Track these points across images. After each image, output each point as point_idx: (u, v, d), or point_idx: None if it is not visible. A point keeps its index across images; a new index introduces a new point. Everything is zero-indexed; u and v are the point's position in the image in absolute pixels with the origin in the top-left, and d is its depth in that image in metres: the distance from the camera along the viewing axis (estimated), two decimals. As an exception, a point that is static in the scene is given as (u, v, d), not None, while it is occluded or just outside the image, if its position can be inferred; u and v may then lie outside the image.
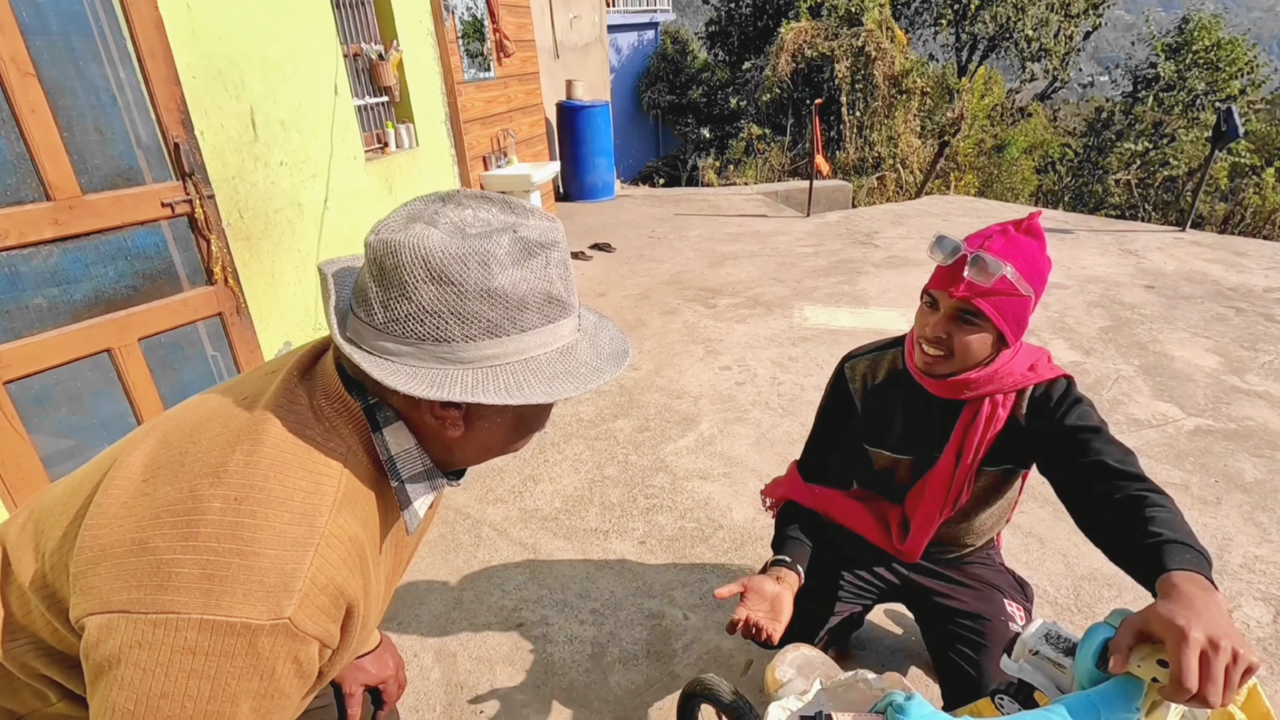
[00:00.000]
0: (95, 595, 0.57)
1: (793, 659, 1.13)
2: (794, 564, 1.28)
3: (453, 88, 3.70)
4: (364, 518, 0.66)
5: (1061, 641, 0.81)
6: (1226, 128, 4.99)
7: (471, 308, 0.60)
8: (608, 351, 0.70)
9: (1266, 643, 1.74)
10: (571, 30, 7.76)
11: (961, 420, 1.22)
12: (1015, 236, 1.10)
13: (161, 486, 0.61)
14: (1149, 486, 0.95)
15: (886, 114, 9.81)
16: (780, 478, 1.50)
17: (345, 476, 0.64)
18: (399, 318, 0.60)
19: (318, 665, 0.63)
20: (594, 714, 1.63)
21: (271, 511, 0.59)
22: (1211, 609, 0.71)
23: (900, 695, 0.72)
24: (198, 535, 0.57)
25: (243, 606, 0.56)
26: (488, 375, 0.62)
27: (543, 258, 0.63)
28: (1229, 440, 2.61)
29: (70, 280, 1.86)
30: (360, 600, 0.65)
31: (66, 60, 1.79)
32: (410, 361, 0.61)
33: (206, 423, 0.65)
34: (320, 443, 0.63)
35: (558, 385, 0.64)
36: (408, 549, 0.83)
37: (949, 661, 1.28)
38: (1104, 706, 0.71)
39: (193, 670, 0.55)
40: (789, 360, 3.44)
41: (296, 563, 0.58)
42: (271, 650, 0.57)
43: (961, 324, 1.12)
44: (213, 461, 0.61)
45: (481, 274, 0.60)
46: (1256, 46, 10.77)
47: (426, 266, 0.59)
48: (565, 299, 0.66)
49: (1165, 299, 4.09)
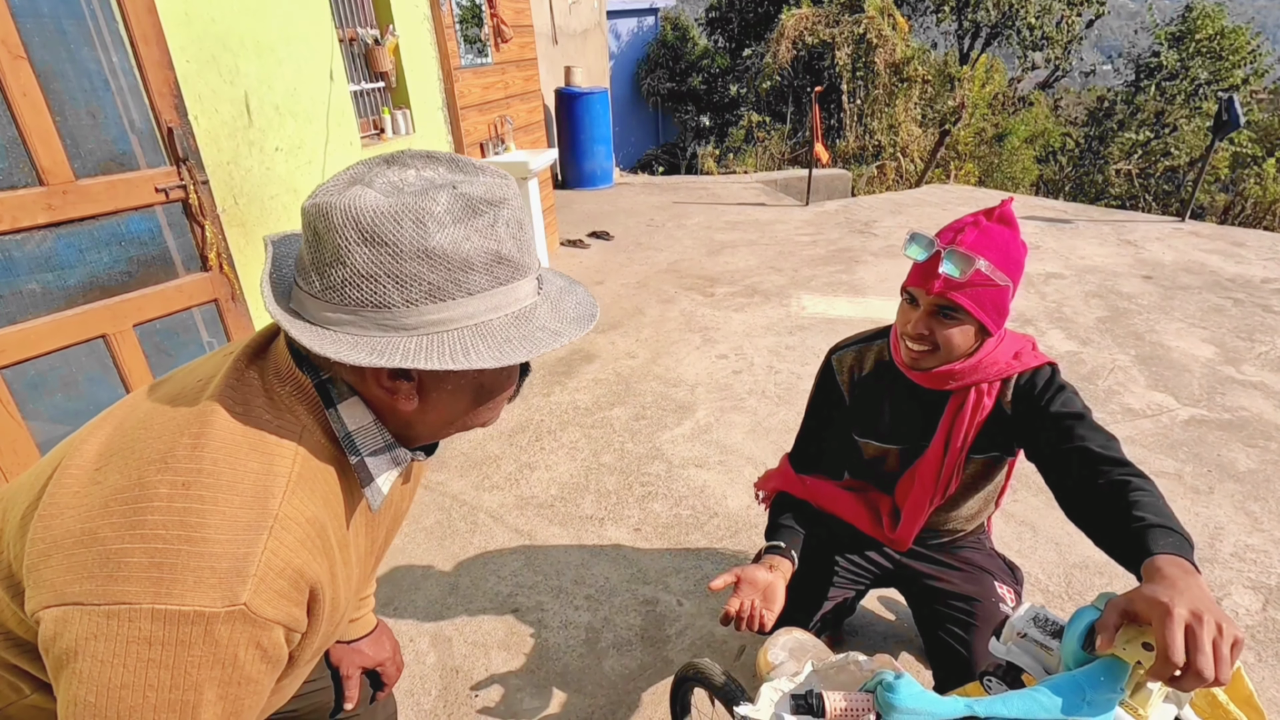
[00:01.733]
0: (49, 588, 0.56)
1: (785, 642, 1.14)
2: (787, 550, 1.28)
3: (450, 74, 3.67)
4: (324, 497, 0.64)
5: (1049, 624, 0.82)
6: (1228, 117, 4.97)
7: (409, 269, 0.57)
8: (571, 315, 0.66)
9: (1255, 630, 1.75)
10: (570, 16, 7.70)
11: (948, 410, 1.22)
12: (988, 226, 1.10)
13: (111, 475, 0.59)
14: (1131, 471, 0.96)
15: (887, 102, 9.75)
16: (772, 470, 1.51)
17: (300, 456, 0.62)
18: (335, 284, 0.58)
19: (286, 650, 0.61)
20: (588, 698, 1.64)
21: (220, 496, 0.57)
22: (1194, 589, 0.72)
23: (890, 674, 0.73)
24: (145, 523, 0.55)
25: (194, 594, 0.54)
26: (432, 341, 0.59)
27: (489, 215, 0.59)
28: (1223, 430, 2.62)
29: (64, 266, 1.86)
30: (325, 582, 0.63)
31: (58, 43, 1.77)
32: (351, 330, 0.59)
33: (160, 408, 0.63)
34: (272, 423, 0.61)
35: (510, 349, 0.61)
36: (383, 526, 0.80)
37: (940, 642, 1.29)
38: (1089, 687, 0.71)
39: (150, 660, 0.54)
40: (786, 349, 3.44)
41: (249, 546, 0.56)
42: (230, 638, 0.56)
43: (942, 318, 1.13)
44: (161, 448, 0.59)
45: (417, 233, 0.56)
46: (1260, 35, 10.69)
47: (358, 227, 0.56)
48: (518, 259, 0.62)
49: (1163, 289, 4.09)
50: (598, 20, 8.41)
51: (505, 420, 2.88)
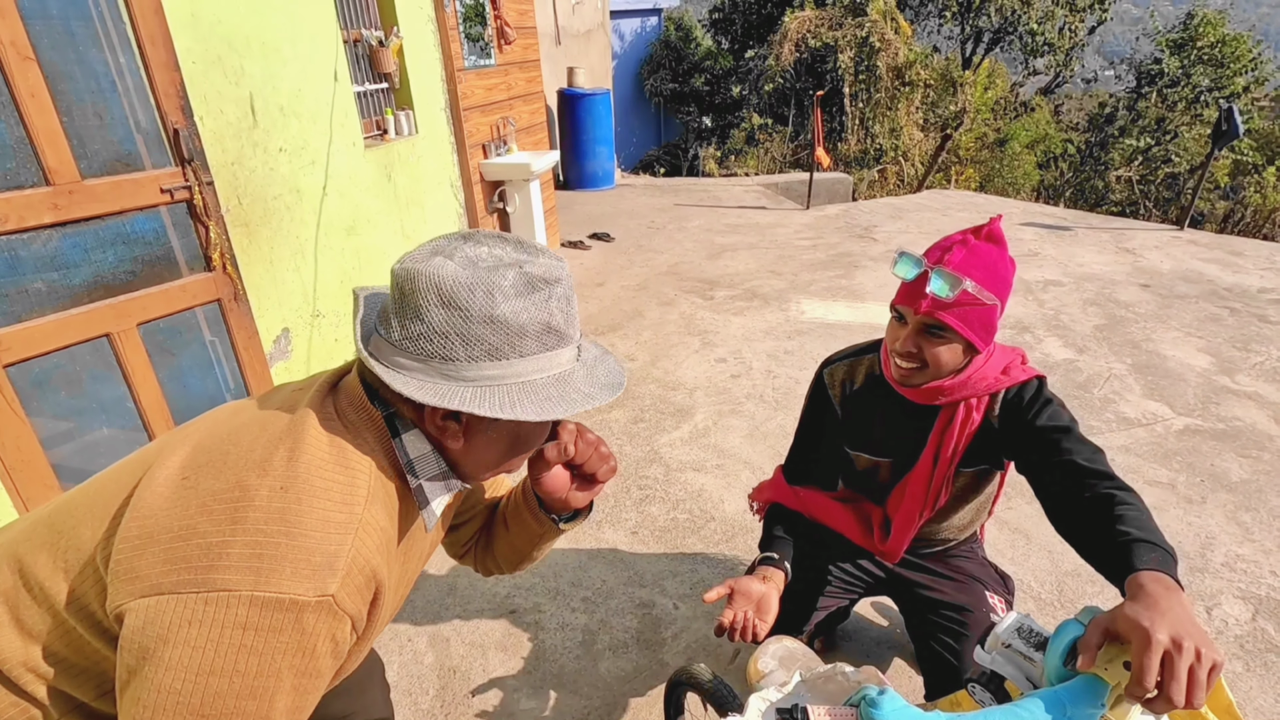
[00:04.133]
0: (142, 580, 0.60)
1: (775, 651, 1.16)
2: (780, 561, 1.30)
3: (453, 75, 3.69)
4: (389, 513, 0.71)
5: (1033, 636, 0.84)
6: (1227, 127, 4.99)
7: (476, 331, 0.67)
8: (603, 382, 0.76)
9: (1244, 640, 1.77)
10: (574, 16, 7.71)
11: (938, 424, 1.24)
12: (975, 245, 1.11)
13: (205, 480, 0.65)
14: (1117, 485, 0.98)
15: (889, 105, 9.76)
16: (766, 481, 1.52)
17: (374, 473, 0.70)
18: (413, 336, 0.67)
19: (348, 646, 0.67)
20: (584, 700, 1.66)
21: (315, 499, 0.64)
22: (1176, 609, 0.74)
23: (874, 689, 0.75)
24: (247, 519, 0.61)
25: (291, 583, 0.60)
26: (486, 392, 0.68)
27: (545, 292, 0.69)
28: (1217, 440, 2.64)
29: (69, 265, 1.87)
30: (387, 586, 0.70)
31: (66, 45, 1.79)
32: (419, 376, 0.68)
33: (244, 428, 0.71)
34: (351, 445, 0.69)
35: (548, 407, 0.69)
36: (415, 558, 0.86)
37: (931, 651, 1.31)
38: (1070, 703, 0.73)
39: (242, 645, 0.58)
40: (784, 353, 3.46)
41: (339, 544, 0.63)
42: (314, 626, 0.61)
43: (930, 337, 1.14)
44: (257, 457, 0.66)
45: (486, 302, 0.66)
46: (1262, 43, 10.71)
47: (439, 292, 0.66)
48: (564, 331, 0.72)
49: (1160, 298, 4.11)
50: (601, 21, 8.42)
51: (504, 421, 2.90)
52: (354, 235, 3.04)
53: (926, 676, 1.35)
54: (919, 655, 1.37)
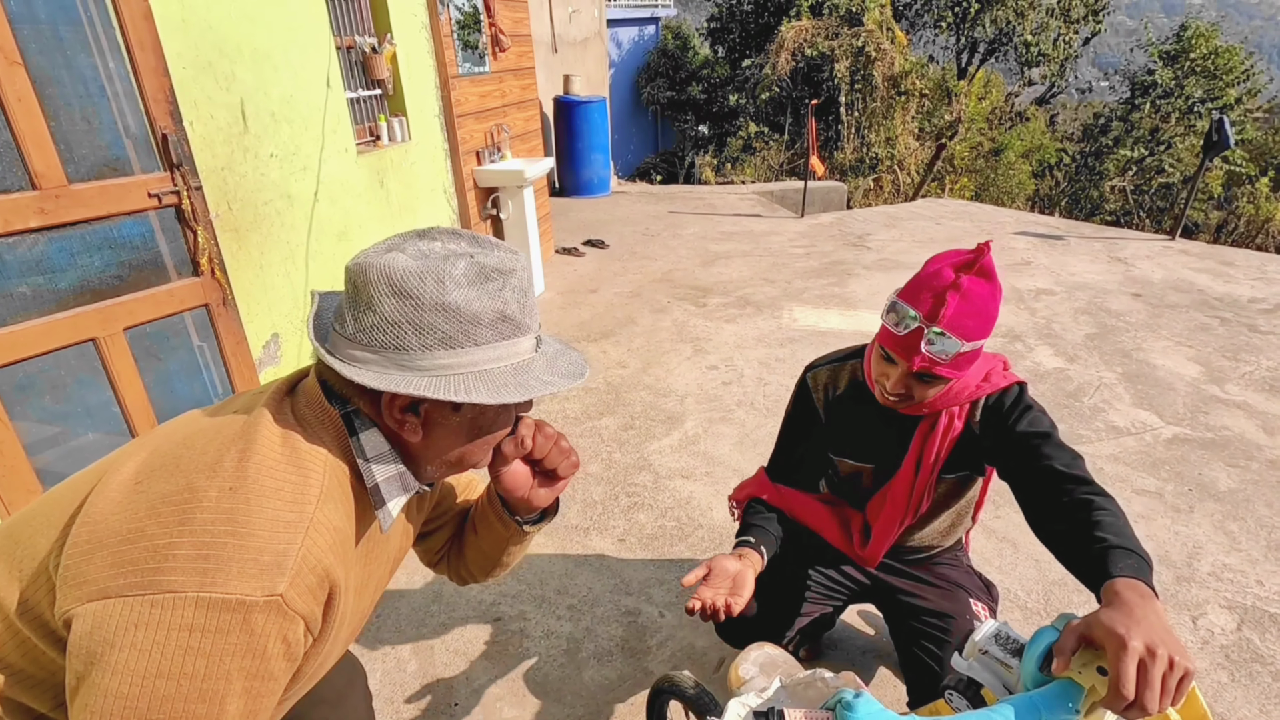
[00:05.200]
0: (89, 584, 0.59)
1: (756, 657, 1.16)
2: (757, 545, 1.30)
3: (447, 81, 3.70)
4: (344, 513, 0.71)
5: (1010, 643, 0.84)
6: (1218, 138, 5.02)
7: (428, 319, 0.67)
8: (563, 371, 0.76)
9: (1230, 650, 1.77)
10: (570, 24, 7.74)
11: (919, 432, 1.25)
12: (969, 288, 1.08)
13: (156, 484, 0.64)
14: (1094, 490, 0.98)
15: (885, 115, 9.81)
16: (748, 480, 1.52)
17: (328, 473, 0.69)
18: (366, 328, 0.68)
19: (303, 648, 0.66)
20: (567, 708, 1.65)
21: (265, 499, 0.63)
22: (1150, 617, 0.74)
23: (850, 693, 0.75)
24: (194, 520, 0.61)
25: (238, 583, 0.59)
26: (441, 380, 0.68)
27: (499, 281, 0.69)
28: (1205, 449, 2.64)
29: (56, 269, 1.87)
30: (341, 588, 0.69)
31: (54, 49, 1.79)
32: (374, 368, 0.68)
33: (199, 434, 0.70)
34: (305, 444, 0.69)
35: (505, 392, 0.69)
36: (379, 561, 0.85)
37: (914, 658, 1.31)
38: (1045, 707, 0.73)
39: (189, 648, 0.58)
40: (776, 361, 3.46)
41: (288, 543, 0.62)
42: (264, 627, 0.60)
43: (920, 381, 1.15)
44: (209, 460, 0.65)
45: (437, 290, 0.66)
46: (1254, 55, 10.80)
47: (390, 282, 0.66)
48: (519, 320, 0.72)
49: (1151, 307, 4.13)
50: (598, 29, 8.46)
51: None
52: (345, 241, 3.04)
53: (909, 683, 1.34)
54: (902, 662, 1.37)
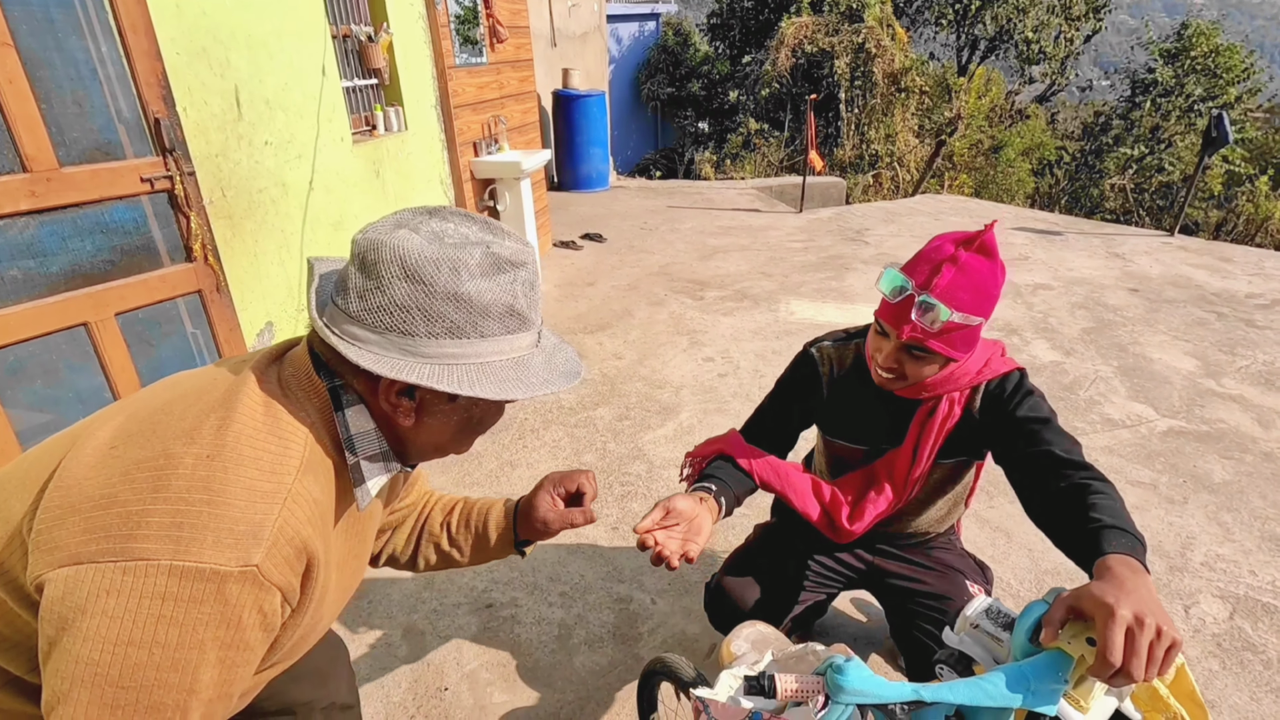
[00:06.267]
0: (61, 549, 0.58)
1: (748, 634, 1.16)
2: (718, 495, 1.19)
3: (444, 72, 3.69)
4: (324, 486, 0.70)
5: (1001, 617, 0.84)
6: (1217, 133, 5.02)
7: (438, 307, 0.66)
8: (561, 370, 0.75)
9: (1221, 639, 1.77)
10: (570, 18, 7.73)
11: (918, 416, 1.24)
12: (966, 261, 1.07)
13: (132, 449, 0.63)
14: (1093, 475, 0.98)
15: (885, 111, 9.80)
16: (713, 439, 1.40)
17: (310, 444, 0.68)
18: (372, 308, 0.66)
19: (280, 619, 0.65)
20: (557, 693, 1.65)
21: (242, 468, 0.62)
22: (1140, 589, 0.74)
23: (840, 658, 0.75)
24: (169, 487, 0.60)
25: (212, 552, 0.58)
26: (443, 370, 0.67)
27: (511, 274, 0.69)
28: (1200, 442, 2.64)
29: (46, 253, 1.86)
30: (321, 559, 0.68)
31: (45, 31, 1.78)
32: (375, 349, 0.66)
33: (180, 399, 0.69)
34: (288, 415, 0.68)
35: (506, 388, 0.69)
36: (359, 538, 0.84)
37: (913, 640, 1.30)
38: (1034, 677, 0.73)
39: (161, 616, 0.57)
40: (772, 353, 3.46)
41: (265, 513, 0.61)
42: (239, 598, 0.59)
43: (911, 355, 1.14)
44: (187, 426, 0.64)
45: (451, 279, 0.65)
46: (1254, 54, 10.79)
47: (403, 264, 0.65)
48: (526, 314, 0.71)
49: (1149, 302, 4.13)
50: (597, 24, 8.44)
51: (489, 418, 2.89)
52: (341, 231, 3.03)
53: (908, 665, 1.35)
54: (901, 645, 1.37)
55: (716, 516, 1.16)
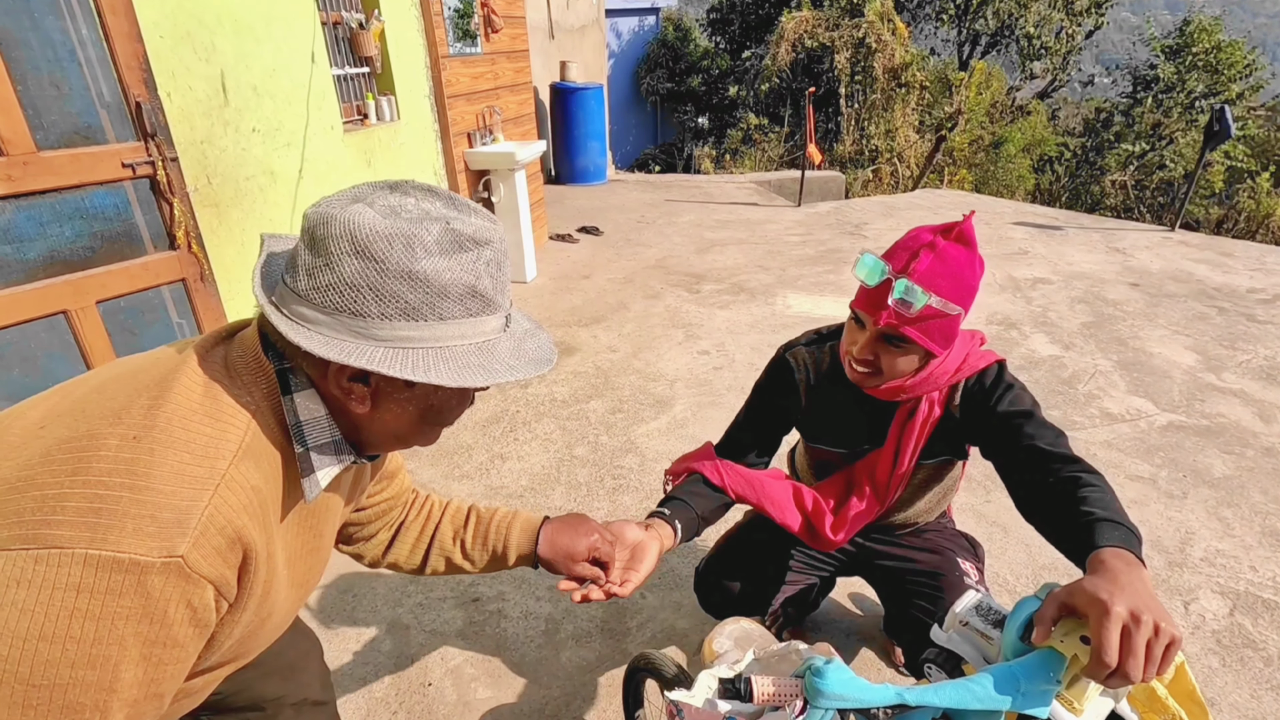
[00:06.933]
0: None
1: (731, 631, 1.12)
2: (672, 519, 1.16)
3: (437, 61, 3.64)
4: (267, 475, 0.65)
5: (991, 614, 0.81)
6: (1219, 127, 4.97)
7: (391, 286, 0.61)
8: (530, 357, 0.70)
9: (1221, 635, 1.73)
10: (568, 11, 7.67)
11: (897, 418, 1.21)
12: (944, 249, 1.04)
13: (57, 429, 0.59)
14: (1081, 468, 0.95)
15: (885, 107, 9.74)
16: (689, 453, 1.38)
17: (252, 429, 0.64)
18: (320, 286, 0.62)
19: (214, 615, 0.61)
20: (543, 689, 1.62)
21: (171, 451, 0.58)
22: (1135, 584, 0.70)
23: (820, 660, 0.72)
24: (89, 470, 0.55)
25: (132, 541, 0.54)
26: (398, 354, 0.62)
27: (474, 253, 0.64)
28: (1200, 436, 2.61)
29: (24, 239, 1.82)
30: (260, 553, 0.64)
31: (20, 11, 1.74)
32: (325, 330, 0.62)
33: (116, 379, 0.65)
34: (229, 397, 0.63)
35: (467, 374, 0.64)
36: (315, 533, 0.79)
37: (910, 620, 1.26)
38: (1025, 677, 0.70)
39: (75, 609, 0.52)
40: (768, 346, 3.42)
41: (193, 500, 0.57)
42: (163, 591, 0.55)
43: (888, 346, 1.10)
44: (116, 406, 0.60)
45: (405, 256, 0.61)
46: (1256, 50, 10.73)
47: (353, 240, 0.60)
48: (491, 296, 0.66)
49: (1149, 297, 4.09)
50: (596, 17, 8.38)
51: (480, 410, 2.85)
52: (331, 220, 2.99)
53: (906, 647, 1.32)
54: (897, 627, 1.33)
55: (672, 542, 1.13)
